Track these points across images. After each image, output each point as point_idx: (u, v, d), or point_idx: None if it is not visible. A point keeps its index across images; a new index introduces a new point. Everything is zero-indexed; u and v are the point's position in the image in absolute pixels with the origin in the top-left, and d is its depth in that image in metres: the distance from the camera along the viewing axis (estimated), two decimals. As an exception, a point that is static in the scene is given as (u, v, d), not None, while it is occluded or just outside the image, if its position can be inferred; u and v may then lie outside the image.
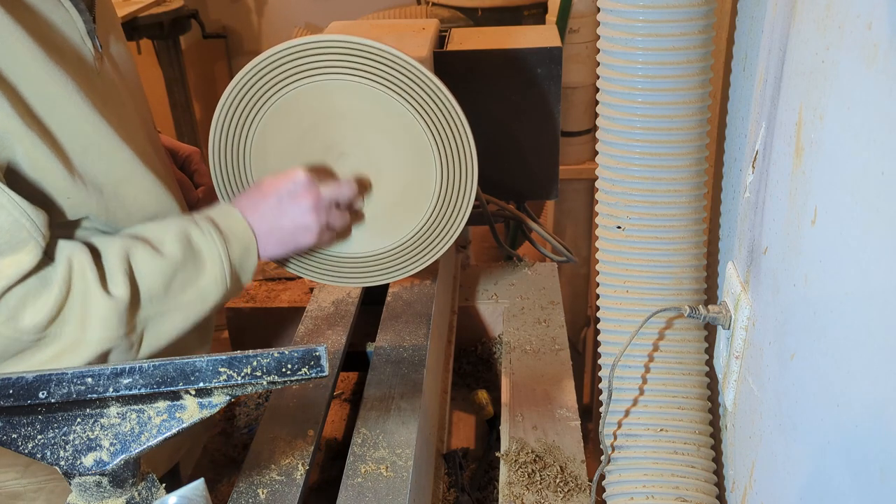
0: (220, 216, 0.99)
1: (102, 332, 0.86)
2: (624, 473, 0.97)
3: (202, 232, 0.95)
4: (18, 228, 0.81)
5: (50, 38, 0.86)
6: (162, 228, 0.94)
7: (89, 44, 0.92)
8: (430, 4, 3.04)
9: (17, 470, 1.02)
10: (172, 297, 0.92)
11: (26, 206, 0.81)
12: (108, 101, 0.92)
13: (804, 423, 0.68)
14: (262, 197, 1.01)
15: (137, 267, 0.89)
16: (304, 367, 0.68)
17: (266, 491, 0.99)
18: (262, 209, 1.00)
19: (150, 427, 0.69)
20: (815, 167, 0.65)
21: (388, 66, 1.05)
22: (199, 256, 0.94)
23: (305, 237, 1.03)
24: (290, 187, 1.01)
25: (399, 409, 1.12)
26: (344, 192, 1.06)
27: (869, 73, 0.54)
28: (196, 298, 0.94)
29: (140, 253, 0.90)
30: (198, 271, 0.93)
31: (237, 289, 0.99)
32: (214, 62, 3.77)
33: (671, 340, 0.96)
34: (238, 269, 0.97)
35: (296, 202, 1.01)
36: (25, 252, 0.82)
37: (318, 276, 1.19)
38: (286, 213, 1.01)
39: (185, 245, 0.93)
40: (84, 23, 0.91)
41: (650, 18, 0.84)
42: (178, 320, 0.93)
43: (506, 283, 1.62)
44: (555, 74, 1.45)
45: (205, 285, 0.94)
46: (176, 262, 0.91)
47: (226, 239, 0.96)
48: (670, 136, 0.88)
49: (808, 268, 0.67)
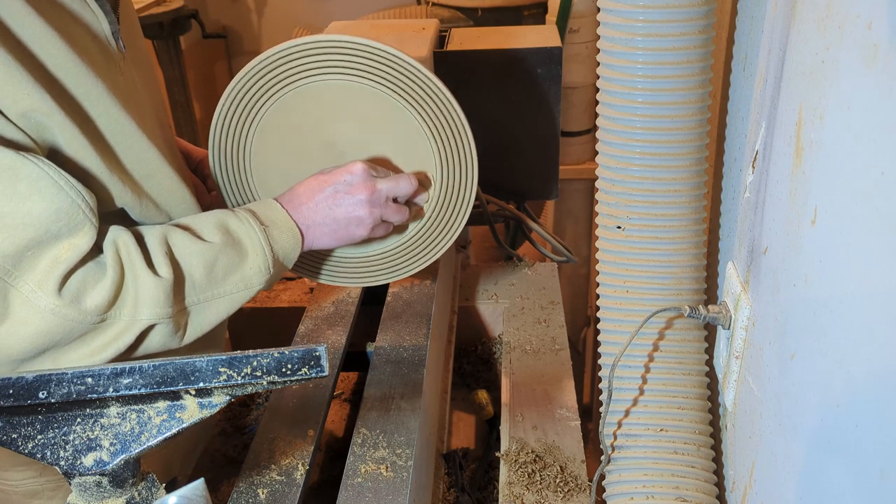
0: (259, 207, 1.00)
1: (152, 309, 0.87)
2: (624, 473, 0.97)
3: (240, 220, 0.96)
4: (76, 210, 0.82)
5: (78, 38, 0.86)
6: (199, 219, 0.96)
7: (113, 45, 0.92)
8: (430, 4, 3.04)
9: (36, 468, 1.03)
10: (217, 284, 0.93)
11: (82, 188, 0.83)
12: (130, 100, 0.93)
13: (804, 423, 0.68)
14: (319, 187, 1.02)
15: (177, 250, 0.90)
16: (304, 367, 0.68)
17: (266, 491, 0.99)
18: (317, 198, 1.02)
19: (150, 427, 0.69)
20: (815, 167, 0.65)
21: (388, 66, 1.05)
22: (240, 244, 0.95)
23: (358, 230, 1.04)
24: (348, 178, 1.02)
25: (399, 409, 1.12)
26: (402, 187, 1.06)
27: (869, 73, 0.54)
28: (240, 285, 0.95)
29: (179, 237, 0.91)
30: (240, 258, 0.94)
31: (280, 274, 1.00)
32: (214, 62, 3.77)
33: (671, 340, 0.96)
34: (282, 257, 0.98)
35: (351, 194, 1.02)
36: (82, 234, 0.83)
37: (318, 277, 1.20)
38: (340, 204, 1.02)
39: (223, 232, 0.94)
40: (109, 24, 0.91)
41: (650, 18, 0.84)
42: (222, 307, 0.94)
43: (506, 283, 1.62)
44: (555, 74, 1.45)
45: (249, 273, 0.95)
46: (216, 247, 0.92)
47: (265, 226, 0.97)
48: (670, 136, 0.88)
49: (808, 268, 0.67)
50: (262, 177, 1.12)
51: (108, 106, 0.88)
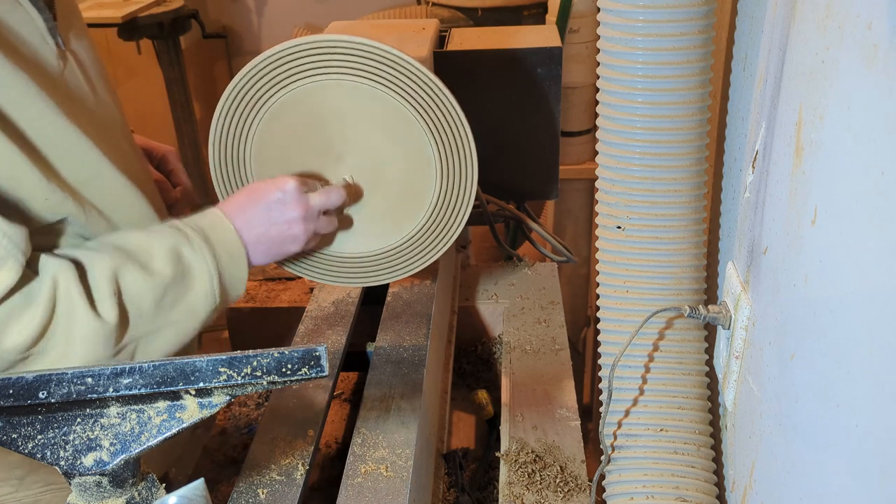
0: (212, 228, 0.97)
1: (87, 352, 0.84)
2: (624, 473, 0.97)
3: (193, 249, 0.93)
4: None
5: (6, 40, 0.84)
6: (151, 242, 0.92)
7: (51, 42, 0.90)
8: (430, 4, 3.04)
9: (12, 484, 1.00)
10: (162, 315, 0.90)
11: (5, 224, 0.79)
12: (73, 100, 0.90)
13: (804, 423, 0.68)
14: (252, 204, 1.00)
15: (127, 288, 0.87)
16: (304, 367, 0.68)
17: (266, 491, 0.99)
18: (249, 216, 0.99)
19: (150, 427, 0.69)
20: (815, 167, 0.65)
21: (388, 65, 1.05)
22: (189, 273, 0.92)
23: (292, 246, 1.03)
24: (279, 196, 1.00)
25: (399, 409, 1.11)
26: (332, 199, 1.05)
27: (869, 73, 0.54)
28: (186, 315, 0.92)
29: (130, 273, 0.88)
30: (187, 287, 0.92)
31: (226, 303, 0.98)
32: (214, 62, 3.77)
33: (671, 340, 0.96)
34: (227, 285, 0.96)
35: (284, 212, 1.00)
36: (6, 270, 0.79)
37: (318, 276, 1.19)
38: (275, 222, 1.00)
39: (175, 262, 0.91)
40: (44, 21, 0.88)
41: (650, 18, 0.84)
42: (169, 336, 0.92)
43: (506, 283, 1.62)
44: (555, 74, 1.45)
45: (194, 301, 0.93)
46: (166, 280, 0.90)
47: (216, 255, 0.95)
48: (670, 136, 0.88)
49: (808, 268, 0.67)
50: (262, 177, 1.12)
51: (42, 109, 0.85)
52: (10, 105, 0.82)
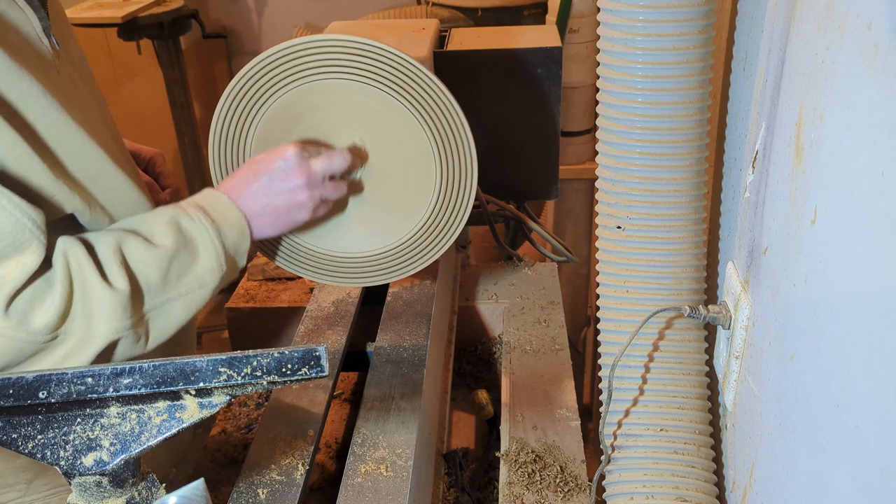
0: (208, 202, 0.98)
1: (109, 323, 0.85)
2: (624, 473, 0.97)
3: (192, 219, 0.94)
4: (21, 229, 0.80)
5: (9, 38, 0.84)
6: (151, 220, 0.94)
7: (46, 42, 0.90)
8: (430, 4, 3.04)
9: (20, 488, 1.01)
10: (171, 287, 0.91)
11: (26, 206, 0.81)
12: (70, 99, 0.90)
13: (804, 423, 0.68)
14: (254, 176, 1.00)
15: (131, 258, 0.89)
16: (304, 367, 0.68)
17: (266, 491, 0.99)
18: (253, 189, 0.99)
19: (150, 427, 0.69)
20: (815, 167, 0.65)
21: (388, 65, 1.05)
22: (191, 244, 0.93)
23: (300, 214, 1.02)
24: (281, 165, 1.00)
25: (399, 409, 1.12)
26: (336, 163, 1.04)
27: (869, 73, 0.54)
28: (195, 286, 0.93)
29: (132, 244, 0.89)
30: (193, 258, 0.93)
31: (233, 272, 0.99)
32: (214, 62, 3.77)
33: (671, 340, 0.96)
34: (233, 253, 0.97)
35: (287, 180, 1.00)
36: (29, 253, 0.81)
37: (318, 276, 1.19)
38: (278, 192, 1.00)
39: (176, 233, 0.92)
40: (39, 20, 0.89)
41: (650, 18, 0.84)
42: (180, 309, 0.93)
43: (506, 283, 1.62)
44: (555, 74, 1.45)
45: (201, 272, 0.94)
46: (169, 251, 0.91)
47: (217, 224, 0.95)
48: (670, 136, 0.88)
49: (808, 268, 0.67)
50: None
51: (46, 107, 0.85)
52: (18, 102, 0.83)
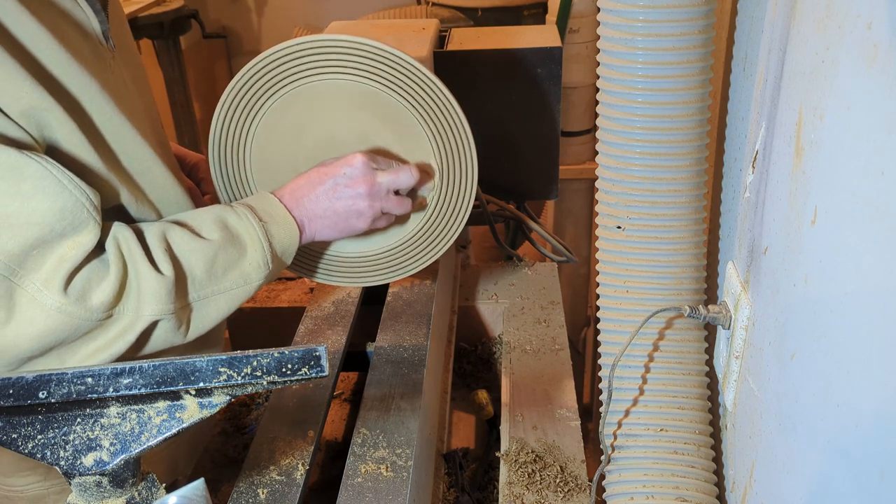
0: (256, 202, 1.00)
1: (155, 305, 0.87)
2: (624, 473, 0.97)
3: (239, 216, 0.96)
4: (80, 209, 0.82)
5: (69, 36, 0.86)
6: (199, 215, 0.96)
7: (104, 43, 0.93)
8: (430, 4, 3.04)
9: (40, 473, 1.02)
10: (217, 281, 0.93)
11: (85, 186, 0.83)
12: (121, 98, 0.92)
13: (804, 423, 0.68)
14: (319, 179, 1.03)
15: (177, 247, 0.90)
16: (304, 367, 0.68)
17: (266, 491, 0.99)
18: (318, 191, 1.02)
19: (150, 427, 0.69)
20: (815, 167, 0.65)
21: (388, 65, 1.05)
22: (238, 240, 0.95)
23: (358, 222, 1.05)
24: (347, 171, 1.03)
25: (399, 409, 1.12)
26: (402, 179, 1.06)
27: (869, 73, 0.54)
28: (240, 282, 0.95)
29: (178, 235, 0.91)
30: (240, 254, 0.94)
31: (279, 269, 1.01)
32: (214, 62, 3.77)
33: (671, 340, 0.96)
34: (280, 252, 0.99)
35: (350, 187, 1.02)
36: (86, 232, 0.83)
37: (318, 276, 1.20)
38: (340, 197, 1.02)
39: (222, 229, 0.94)
40: (99, 23, 0.91)
41: (650, 18, 0.84)
42: (223, 303, 0.94)
43: (506, 283, 1.62)
44: (555, 74, 1.45)
45: (248, 269, 0.95)
46: (215, 244, 0.92)
47: (264, 223, 0.97)
48: (670, 136, 0.88)
49: (808, 268, 0.67)
50: (262, 177, 1.12)
51: (101, 103, 0.88)
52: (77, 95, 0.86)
